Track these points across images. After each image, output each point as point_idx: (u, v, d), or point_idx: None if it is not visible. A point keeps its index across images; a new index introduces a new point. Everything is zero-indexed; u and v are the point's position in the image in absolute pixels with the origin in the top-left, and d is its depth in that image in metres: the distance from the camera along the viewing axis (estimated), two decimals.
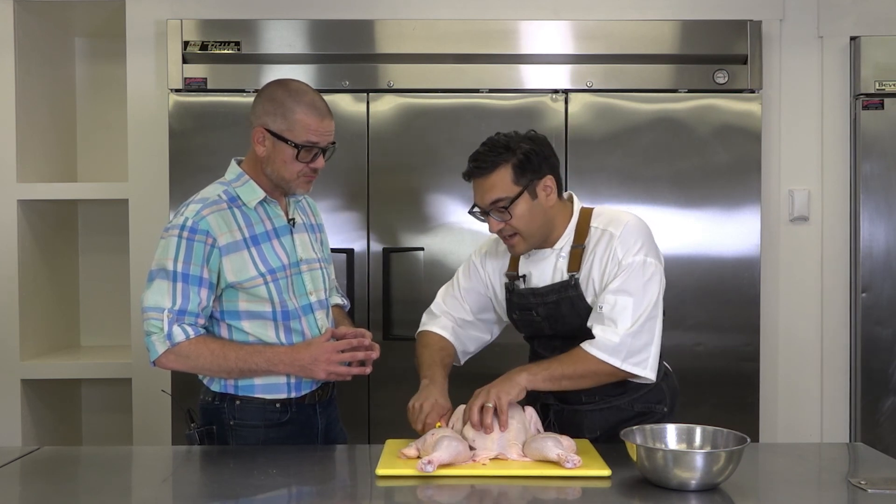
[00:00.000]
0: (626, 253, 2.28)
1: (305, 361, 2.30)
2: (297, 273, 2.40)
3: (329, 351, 2.30)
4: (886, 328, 3.61)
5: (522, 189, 2.28)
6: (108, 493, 2.03)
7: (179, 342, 2.25)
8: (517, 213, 2.29)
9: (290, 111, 2.28)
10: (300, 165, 2.31)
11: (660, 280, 2.32)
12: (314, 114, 2.29)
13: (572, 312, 2.34)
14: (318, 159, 2.32)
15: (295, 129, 2.28)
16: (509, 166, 2.27)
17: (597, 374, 2.26)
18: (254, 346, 2.32)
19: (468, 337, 2.54)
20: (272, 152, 2.31)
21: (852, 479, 2.00)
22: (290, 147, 2.28)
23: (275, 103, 2.29)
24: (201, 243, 2.27)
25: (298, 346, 2.33)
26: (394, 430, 2.38)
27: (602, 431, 2.36)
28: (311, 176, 2.35)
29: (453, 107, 3.49)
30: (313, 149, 2.30)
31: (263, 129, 2.30)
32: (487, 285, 2.52)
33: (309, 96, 2.31)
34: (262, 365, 2.30)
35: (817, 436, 3.69)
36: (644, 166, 3.48)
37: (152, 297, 2.27)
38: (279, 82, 2.36)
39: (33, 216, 3.85)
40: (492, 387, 2.21)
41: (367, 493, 2.03)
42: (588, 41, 3.52)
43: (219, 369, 2.30)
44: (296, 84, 2.35)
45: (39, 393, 3.85)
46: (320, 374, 2.31)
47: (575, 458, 2.02)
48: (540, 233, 2.34)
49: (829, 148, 3.70)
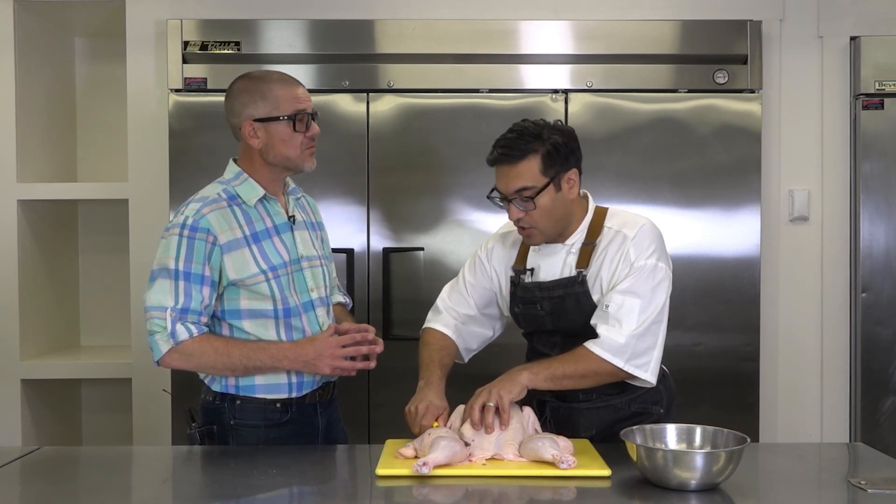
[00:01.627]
0: (639, 256, 2.29)
1: (310, 357, 2.31)
2: (299, 270, 2.40)
3: (333, 346, 2.31)
4: (886, 328, 3.61)
5: (549, 180, 2.28)
6: (108, 493, 2.03)
7: (183, 340, 2.25)
8: (541, 203, 2.28)
9: (268, 90, 2.33)
10: (299, 137, 2.33)
11: (668, 287, 2.32)
12: (289, 85, 2.35)
13: (576, 309, 2.34)
14: (313, 125, 2.36)
15: (280, 105, 2.32)
16: (539, 156, 2.27)
17: (598, 374, 2.26)
18: (257, 343, 2.33)
19: (471, 333, 2.54)
20: (268, 138, 2.33)
21: (852, 479, 2.00)
22: (283, 123, 2.32)
23: (250, 93, 2.34)
24: (202, 241, 2.27)
25: (302, 342, 2.34)
26: (394, 430, 2.38)
27: (598, 430, 2.36)
28: (312, 146, 2.38)
29: (453, 107, 3.49)
30: (304, 115, 2.34)
31: (251, 122, 2.33)
32: (493, 279, 2.52)
33: (275, 74, 2.39)
34: (266, 361, 2.30)
35: (817, 436, 3.69)
36: (644, 166, 3.48)
37: (155, 297, 2.27)
38: (241, 77, 2.41)
39: (33, 216, 3.85)
40: (493, 386, 2.21)
41: (367, 493, 2.03)
42: (588, 41, 3.52)
43: (223, 367, 2.30)
44: (256, 72, 2.43)
45: (39, 393, 3.85)
46: (325, 369, 2.31)
47: (570, 459, 2.01)
48: (557, 226, 2.35)
49: (829, 148, 3.70)
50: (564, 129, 2.34)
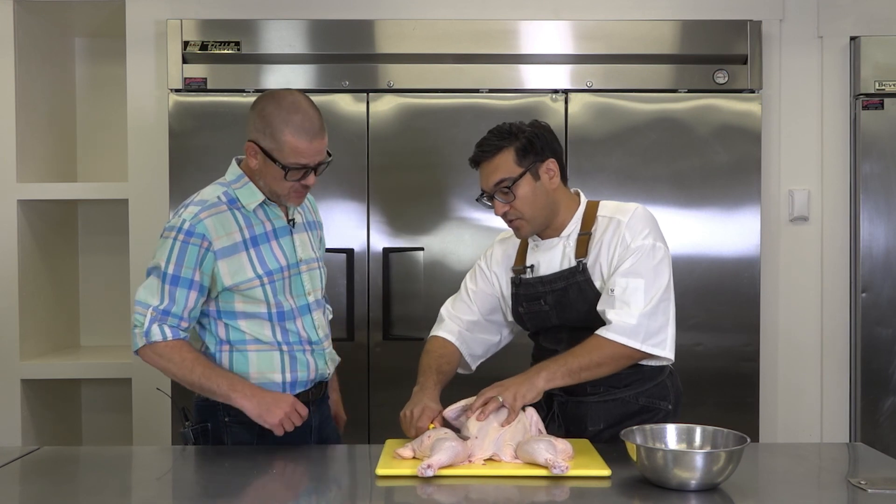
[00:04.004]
0: (635, 237, 2.31)
1: (268, 399, 2.29)
2: (297, 274, 2.41)
3: (295, 403, 2.31)
4: (886, 328, 3.61)
5: (525, 170, 2.33)
6: (108, 493, 2.03)
7: (156, 341, 2.28)
8: (520, 193, 2.33)
9: (279, 132, 2.24)
10: (290, 183, 2.30)
11: (669, 265, 2.34)
12: (303, 136, 2.24)
13: (580, 298, 2.35)
14: (309, 177, 2.31)
15: (283, 151, 2.25)
16: (512, 149, 2.34)
17: (615, 360, 2.26)
18: (222, 370, 2.33)
19: (476, 340, 2.54)
20: (263, 168, 2.31)
21: (852, 479, 2.00)
22: (278, 167, 2.27)
23: (265, 121, 2.26)
24: (196, 246, 2.28)
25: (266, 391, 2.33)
26: (394, 431, 2.38)
27: (606, 424, 2.36)
28: (303, 191, 2.34)
29: (453, 107, 3.49)
30: (302, 169, 2.29)
31: (255, 145, 2.30)
32: (494, 284, 2.53)
33: (299, 115, 2.25)
34: (222, 386, 2.28)
35: (817, 436, 3.69)
36: (644, 166, 3.48)
37: (143, 293, 2.31)
38: (272, 96, 2.31)
39: (33, 216, 3.85)
40: (511, 385, 2.22)
41: (367, 493, 2.03)
42: (588, 41, 3.52)
43: (182, 378, 2.31)
44: (289, 99, 2.27)
45: (39, 393, 3.85)
46: (275, 416, 2.27)
47: (562, 465, 1.99)
48: (543, 215, 2.38)
49: (829, 148, 3.70)
50: (537, 124, 2.41)
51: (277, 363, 2.37)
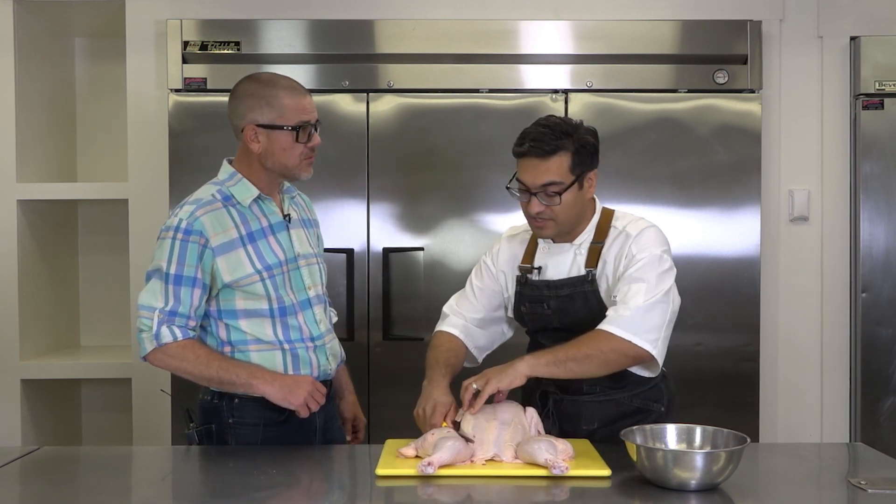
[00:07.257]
0: (641, 250, 2.31)
1: (288, 381, 2.32)
2: (295, 268, 2.41)
3: (314, 383, 2.34)
4: (886, 328, 3.61)
5: (576, 178, 2.31)
6: (108, 493, 2.03)
7: (167, 343, 2.27)
8: (565, 200, 2.31)
9: (275, 98, 2.31)
10: (299, 148, 2.33)
11: (673, 278, 2.34)
12: (296, 94, 2.33)
13: (584, 307, 2.36)
14: (314, 136, 2.36)
15: (286, 114, 2.31)
16: (569, 153, 2.29)
17: (604, 353, 2.23)
18: (238, 361, 2.34)
19: (481, 334, 2.54)
20: (269, 145, 2.33)
21: (852, 479, 2.00)
22: (286, 132, 2.31)
23: (256, 98, 2.32)
24: (195, 244, 2.28)
25: (285, 375, 2.35)
26: (394, 430, 2.38)
27: (600, 424, 2.36)
28: (311, 156, 2.38)
29: (453, 107, 3.49)
30: (307, 127, 2.33)
31: (254, 126, 2.32)
32: (499, 280, 2.53)
33: (284, 80, 2.36)
34: (242, 376, 2.30)
35: (817, 436, 3.69)
36: (644, 166, 3.48)
37: (145, 297, 2.31)
38: (249, 78, 2.39)
39: (33, 216, 3.85)
40: (489, 371, 2.23)
41: (367, 493, 2.03)
42: (588, 41, 3.52)
43: (200, 375, 2.31)
44: (265, 75, 2.39)
45: (39, 393, 3.85)
46: (299, 398, 2.30)
47: (562, 466, 1.99)
48: (572, 222, 2.37)
49: (829, 148, 3.70)
50: (592, 130, 2.37)
51: (279, 362, 2.37)
